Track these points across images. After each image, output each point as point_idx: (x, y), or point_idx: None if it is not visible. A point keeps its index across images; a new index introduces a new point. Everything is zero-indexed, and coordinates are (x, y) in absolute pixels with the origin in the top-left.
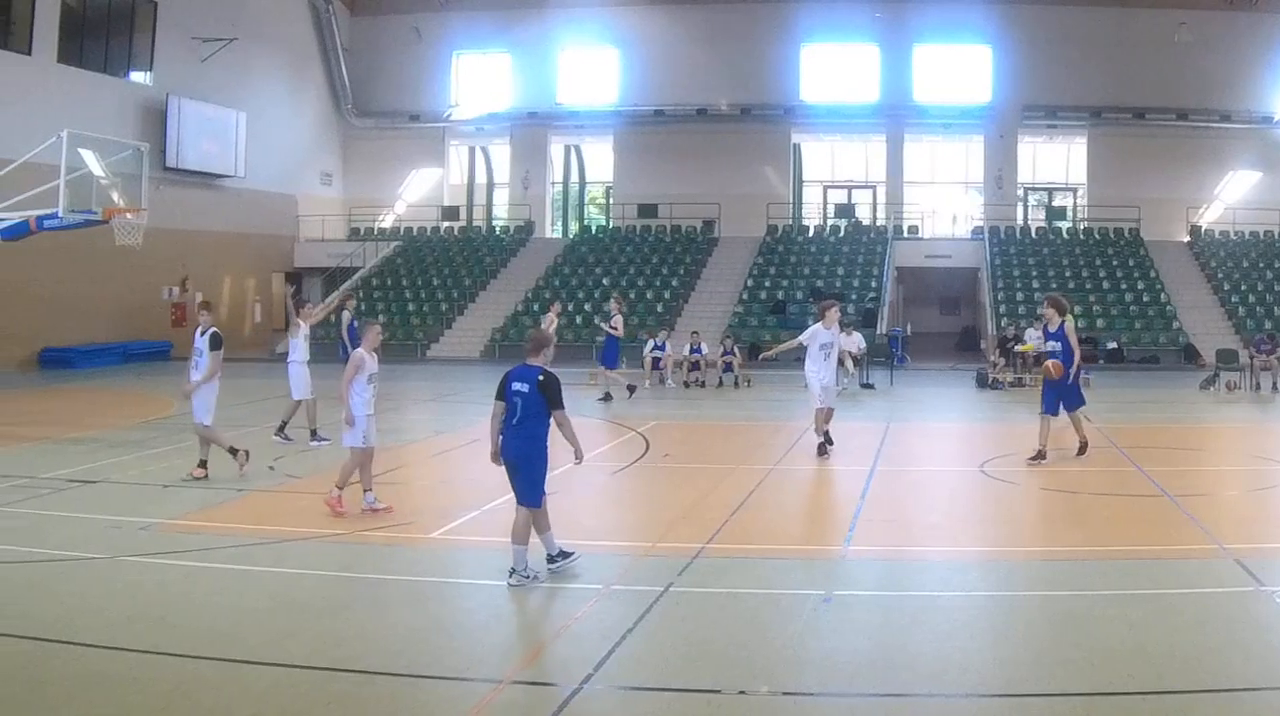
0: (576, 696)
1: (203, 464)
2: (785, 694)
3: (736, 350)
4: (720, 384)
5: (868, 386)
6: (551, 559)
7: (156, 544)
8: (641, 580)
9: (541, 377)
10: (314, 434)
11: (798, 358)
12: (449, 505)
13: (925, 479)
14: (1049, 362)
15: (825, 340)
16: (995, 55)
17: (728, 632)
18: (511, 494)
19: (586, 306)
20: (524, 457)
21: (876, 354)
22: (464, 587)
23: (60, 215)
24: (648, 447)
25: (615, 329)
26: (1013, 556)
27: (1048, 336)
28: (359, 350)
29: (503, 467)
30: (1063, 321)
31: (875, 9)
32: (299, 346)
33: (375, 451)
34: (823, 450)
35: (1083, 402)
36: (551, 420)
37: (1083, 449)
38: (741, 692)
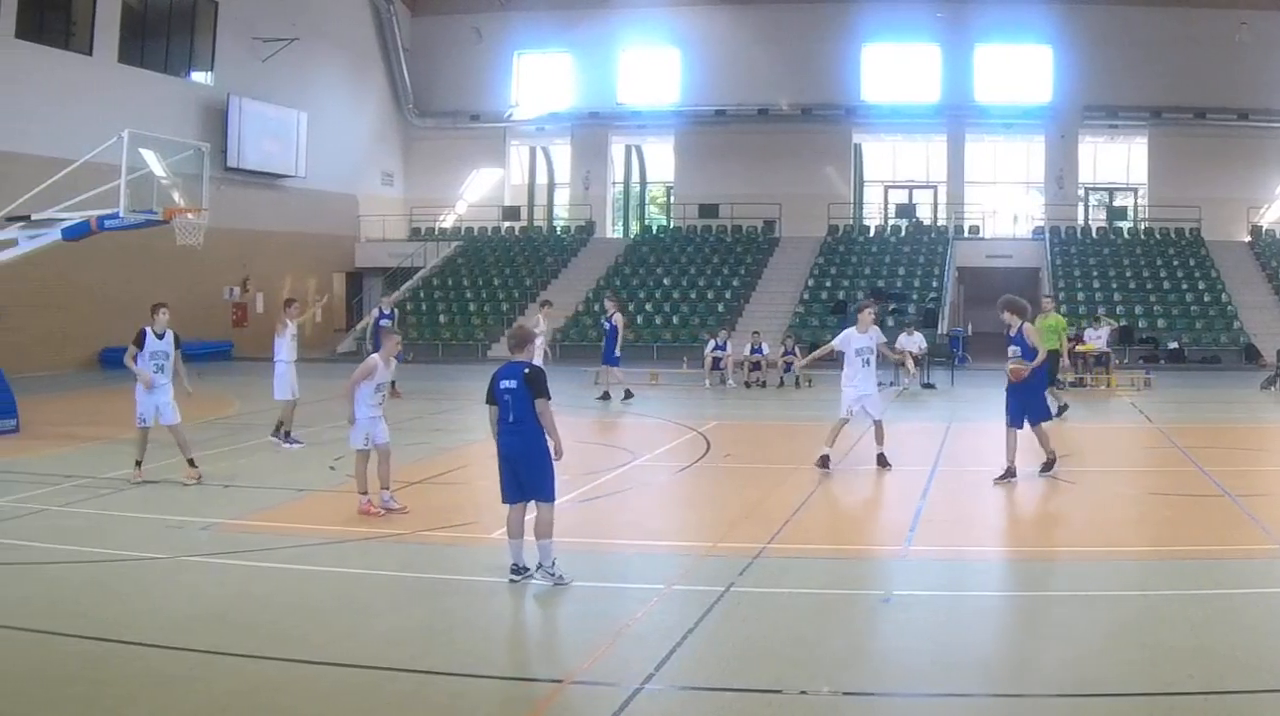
0: (637, 696)
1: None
2: (846, 694)
3: (797, 350)
4: (781, 384)
5: (929, 386)
6: (540, 566)
7: (217, 544)
8: (703, 580)
9: (527, 371)
10: (286, 436)
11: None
12: (505, 507)
13: (986, 479)
14: (1012, 365)
15: (861, 344)
16: (1056, 55)
17: (789, 632)
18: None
19: (647, 306)
20: (525, 454)
21: (937, 354)
22: (524, 588)
23: (121, 215)
24: (709, 447)
25: (618, 327)
26: (1073, 556)
27: (1008, 341)
28: (375, 357)
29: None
30: (1021, 324)
31: (936, 9)
32: (285, 346)
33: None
34: (825, 463)
35: (1048, 416)
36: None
37: (1048, 465)
38: (803, 693)
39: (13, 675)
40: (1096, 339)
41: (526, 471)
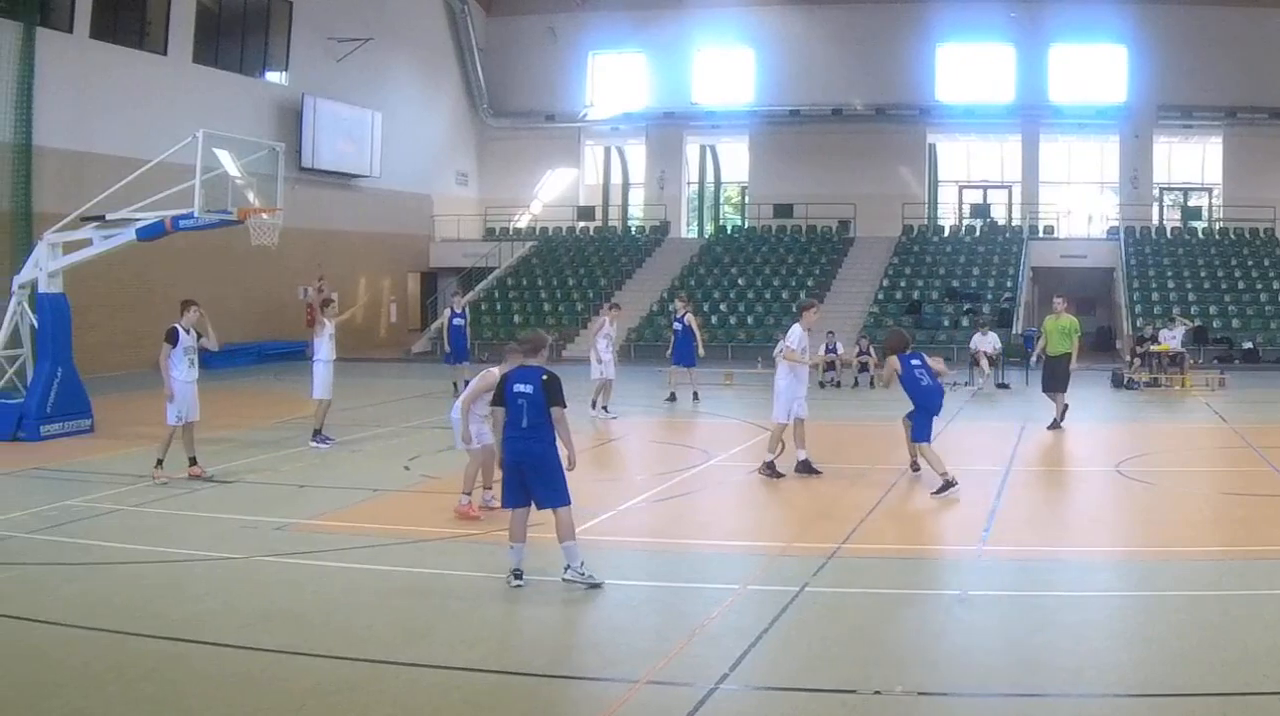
0: (712, 696)
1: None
2: (921, 693)
3: (872, 350)
4: (855, 384)
5: (1003, 386)
6: (569, 568)
7: (292, 544)
8: (777, 580)
9: (545, 377)
10: (316, 433)
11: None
12: (581, 506)
13: (1061, 478)
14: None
15: (807, 343)
16: (1130, 55)
17: (863, 632)
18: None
19: (722, 306)
20: (536, 459)
21: (1012, 354)
22: (600, 588)
23: (196, 215)
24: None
25: (691, 327)
26: (1148, 556)
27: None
28: (494, 370)
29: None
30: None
31: (1011, 9)
32: (324, 345)
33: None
34: (772, 470)
35: (927, 439)
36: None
37: (914, 466)
38: (877, 692)
39: (89, 674)
40: (1171, 339)
41: (535, 480)
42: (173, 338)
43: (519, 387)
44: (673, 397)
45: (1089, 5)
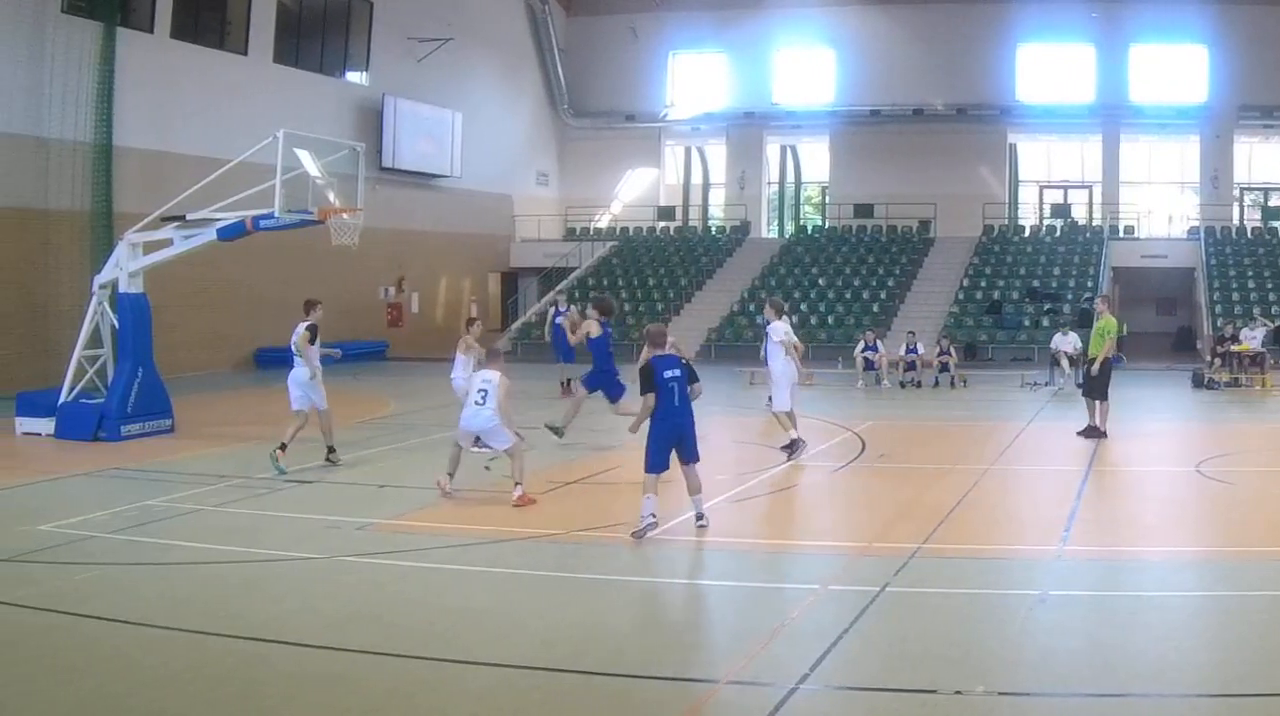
0: (792, 696)
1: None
2: (1001, 694)
3: (953, 350)
4: (936, 384)
5: (1083, 386)
6: (701, 517)
7: (373, 544)
8: (858, 580)
9: (684, 361)
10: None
11: (1014, 357)
12: (663, 506)
13: (1141, 479)
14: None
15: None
16: (1211, 55)
17: (943, 632)
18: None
19: (802, 307)
20: (691, 427)
21: None
22: (679, 588)
23: (276, 215)
24: (864, 447)
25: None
26: (1229, 557)
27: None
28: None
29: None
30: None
31: (1091, 9)
32: (466, 364)
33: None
34: (795, 448)
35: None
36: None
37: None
38: (957, 692)
39: (171, 674)
40: (1252, 339)
41: (690, 442)
42: (315, 334)
43: (669, 373)
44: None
45: (1169, 5)
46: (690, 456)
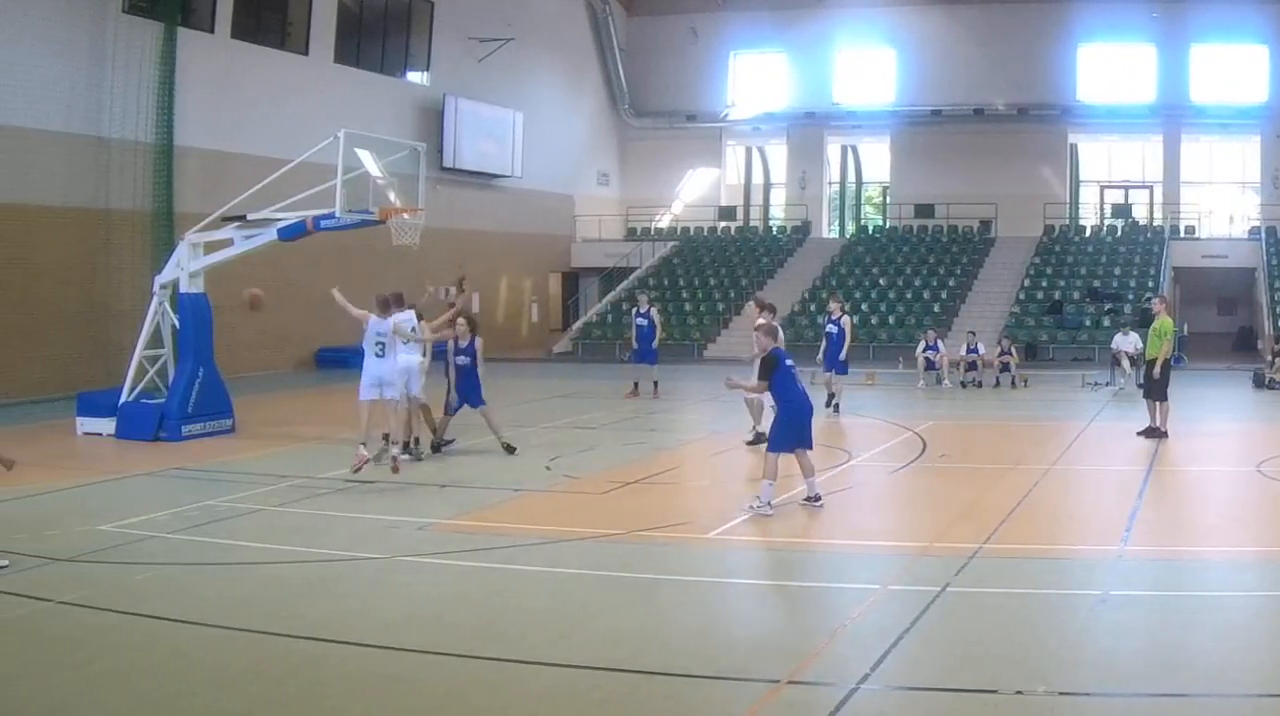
0: (853, 696)
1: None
2: (1062, 694)
3: (1014, 350)
4: (997, 384)
5: (1143, 387)
6: (818, 498)
7: (433, 544)
8: (918, 580)
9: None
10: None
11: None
12: (725, 506)
13: (1202, 479)
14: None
15: None
16: (1272, 54)
17: (1004, 633)
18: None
19: (863, 307)
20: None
21: None
22: (741, 588)
23: (337, 215)
24: (925, 447)
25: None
26: None
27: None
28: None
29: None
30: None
31: (1152, 9)
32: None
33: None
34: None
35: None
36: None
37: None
38: (1018, 692)
39: (232, 674)
40: None
41: (811, 425)
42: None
43: (789, 361)
44: (835, 408)
45: (1231, 5)
46: (809, 441)
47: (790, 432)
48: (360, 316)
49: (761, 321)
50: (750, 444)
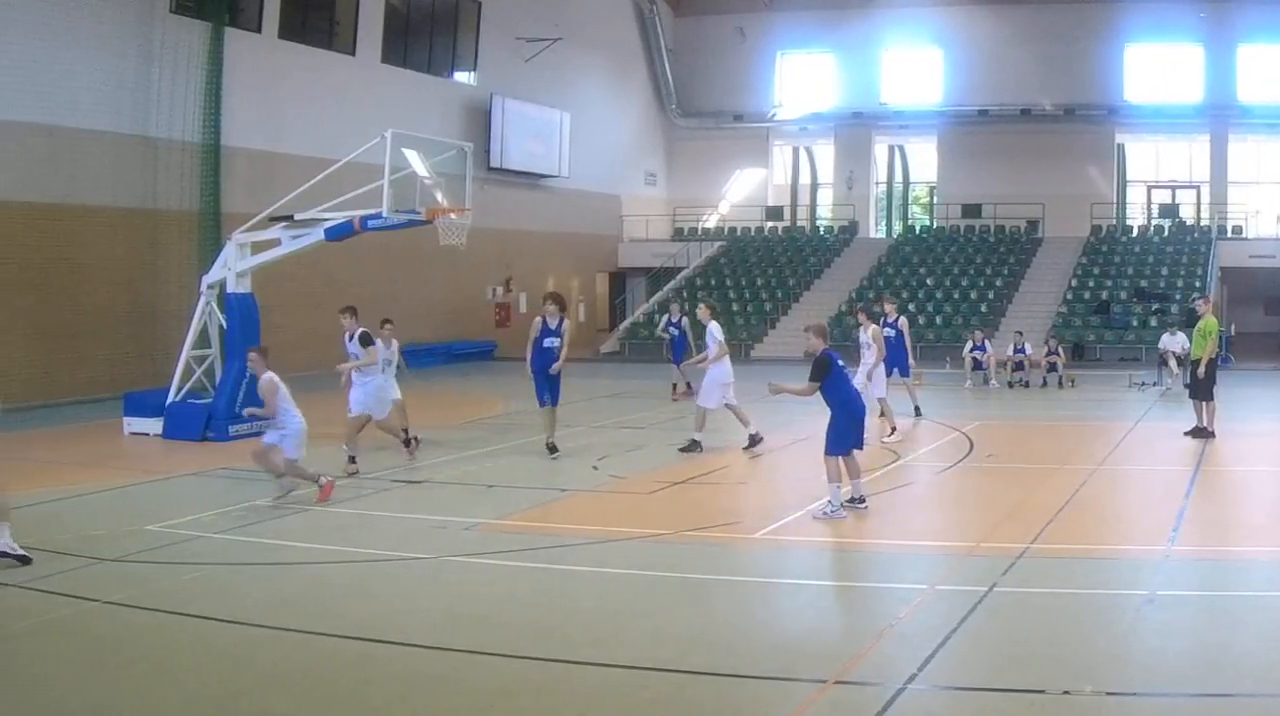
0: (900, 696)
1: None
2: (1109, 694)
3: (1061, 350)
4: (1044, 384)
5: (1189, 387)
6: (862, 499)
7: (480, 544)
8: (966, 580)
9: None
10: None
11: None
12: (772, 506)
13: (1250, 479)
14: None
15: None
16: None
17: (1051, 633)
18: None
19: (910, 306)
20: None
21: None
22: (787, 587)
23: (384, 215)
24: (972, 447)
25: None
26: None
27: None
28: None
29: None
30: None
31: (1200, 9)
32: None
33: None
34: (698, 446)
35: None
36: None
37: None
38: (1066, 693)
39: (279, 674)
40: None
41: (864, 425)
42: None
43: (841, 362)
44: (917, 412)
45: (1278, 5)
46: (861, 442)
47: (848, 435)
48: (371, 356)
49: (816, 324)
50: (747, 449)
